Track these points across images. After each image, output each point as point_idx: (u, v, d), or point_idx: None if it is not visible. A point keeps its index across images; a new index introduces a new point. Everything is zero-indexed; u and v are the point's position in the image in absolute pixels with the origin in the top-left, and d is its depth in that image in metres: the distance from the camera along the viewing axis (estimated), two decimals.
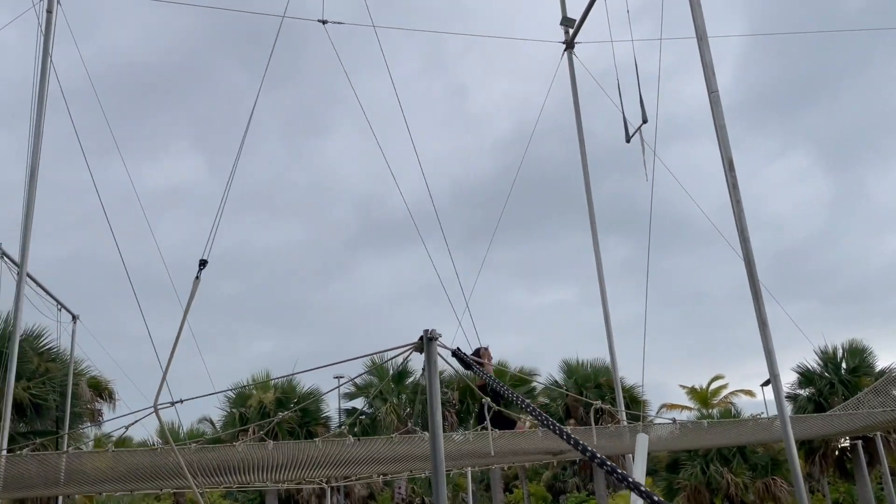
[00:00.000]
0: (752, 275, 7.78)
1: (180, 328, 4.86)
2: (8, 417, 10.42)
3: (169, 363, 4.57)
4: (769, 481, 28.50)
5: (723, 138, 8.08)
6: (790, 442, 7.17)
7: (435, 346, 4.23)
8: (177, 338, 4.74)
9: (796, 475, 7.21)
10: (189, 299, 4.98)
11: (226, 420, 31.56)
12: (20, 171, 10.69)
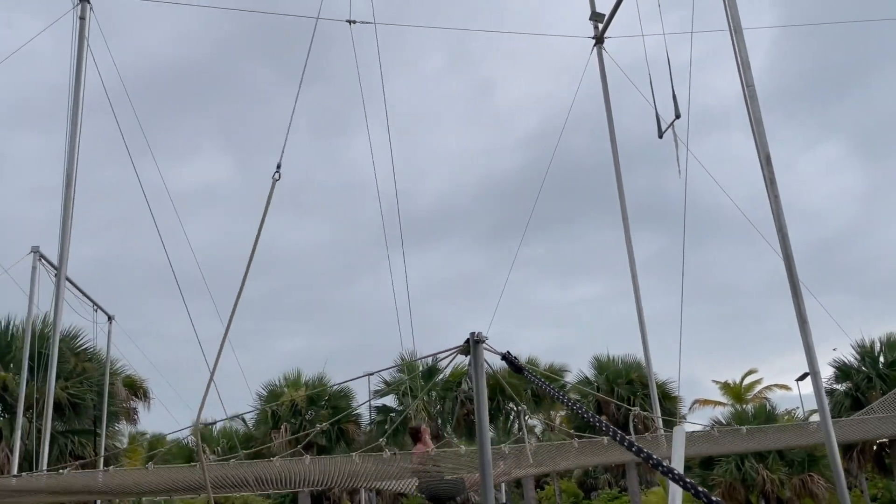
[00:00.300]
0: (791, 271, 7.65)
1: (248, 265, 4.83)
2: (49, 417, 10.62)
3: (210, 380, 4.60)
4: (806, 478, 28.07)
5: (759, 133, 7.95)
6: (833, 446, 7.05)
7: (481, 348, 4.21)
8: (236, 302, 4.74)
9: (838, 475, 7.09)
10: (267, 203, 4.98)
11: (258, 418, 31.87)
12: (55, 173, 10.89)
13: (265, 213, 5.03)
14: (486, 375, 4.72)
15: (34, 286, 14.34)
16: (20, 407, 14.59)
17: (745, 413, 31.42)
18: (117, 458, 22.82)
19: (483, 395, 4.59)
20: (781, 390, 38.96)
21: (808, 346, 7.55)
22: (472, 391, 4.32)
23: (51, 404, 10.61)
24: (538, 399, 31.56)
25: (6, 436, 18.49)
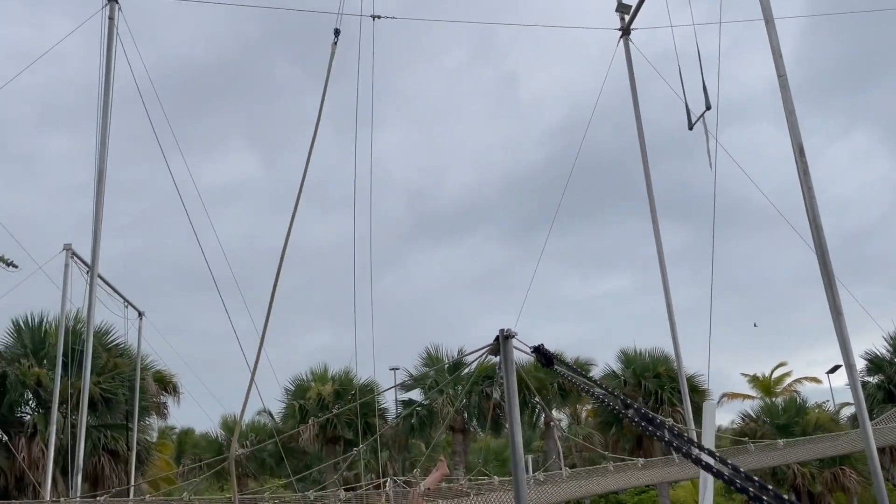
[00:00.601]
0: (825, 263, 7.53)
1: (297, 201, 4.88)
2: (84, 412, 10.79)
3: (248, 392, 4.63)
4: (837, 471, 27.72)
5: (792, 123, 7.82)
6: (871, 447, 6.94)
7: (511, 344, 4.19)
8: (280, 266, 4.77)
9: (876, 474, 6.98)
10: (328, 69, 4.95)
11: (285, 412, 32.13)
12: (85, 171, 11.03)
13: (326, 81, 4.99)
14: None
15: (67, 283, 14.57)
16: (55, 402, 14.85)
17: (775, 407, 31.10)
18: (148, 451, 23.14)
19: (514, 392, 4.56)
20: (811, 383, 38.47)
21: (844, 339, 7.43)
22: (503, 388, 4.30)
23: (86, 400, 10.78)
24: (564, 393, 31.45)
25: (41, 430, 18.82)
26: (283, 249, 4.69)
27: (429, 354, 30.99)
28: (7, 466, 18.65)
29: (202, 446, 38.00)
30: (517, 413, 4.31)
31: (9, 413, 19.57)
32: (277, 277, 4.65)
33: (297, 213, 4.79)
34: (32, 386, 19.70)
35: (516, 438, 4.18)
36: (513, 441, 4.20)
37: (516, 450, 4.36)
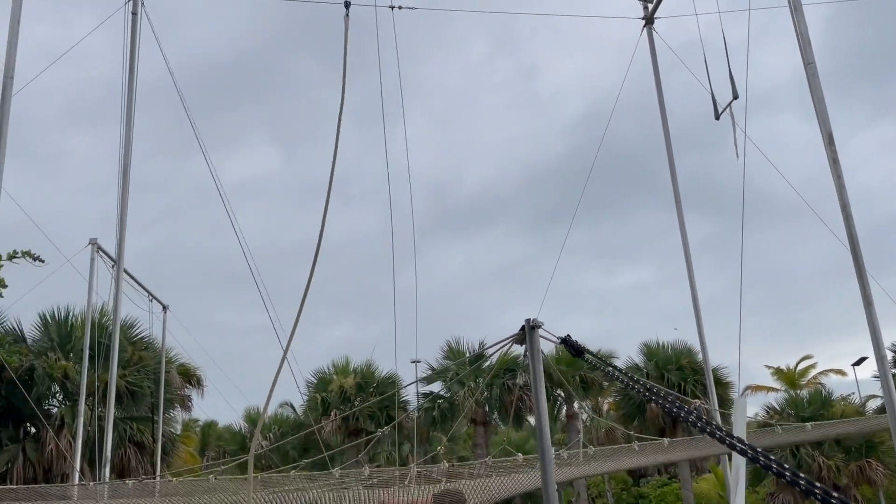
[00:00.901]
0: (855, 253, 7.42)
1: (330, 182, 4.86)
2: (112, 405, 10.91)
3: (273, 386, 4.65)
4: (864, 464, 27.39)
5: (821, 112, 7.70)
6: None
7: (537, 333, 4.16)
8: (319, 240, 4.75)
9: None
10: (344, 44, 4.94)
11: (308, 404, 32.33)
12: (111, 166, 11.11)
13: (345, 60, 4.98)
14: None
15: (93, 277, 14.73)
16: (82, 395, 15.03)
17: (800, 399, 30.77)
18: (173, 443, 23.40)
19: (541, 382, 4.53)
20: (837, 376, 38.04)
21: (874, 329, 7.33)
22: (528, 379, 4.27)
23: (112, 392, 10.90)
24: (586, 385, 31.38)
25: (68, 422, 19.08)
26: (317, 246, 4.69)
27: (450, 347, 31.03)
28: (35, 458, 18.93)
29: (226, 439, 38.36)
30: (544, 399, 4.28)
31: (37, 405, 19.85)
32: (311, 273, 4.65)
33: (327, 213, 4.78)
34: (59, 379, 19.97)
35: (543, 422, 4.16)
36: (540, 430, 4.18)
37: (544, 440, 4.34)
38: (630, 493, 40.50)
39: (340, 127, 5.00)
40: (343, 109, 5.09)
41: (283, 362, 4.12)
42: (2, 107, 7.71)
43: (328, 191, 4.82)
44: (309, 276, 4.50)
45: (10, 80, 7.92)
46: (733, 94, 9.33)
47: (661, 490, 38.51)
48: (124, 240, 11.05)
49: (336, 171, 5.58)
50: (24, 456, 18.97)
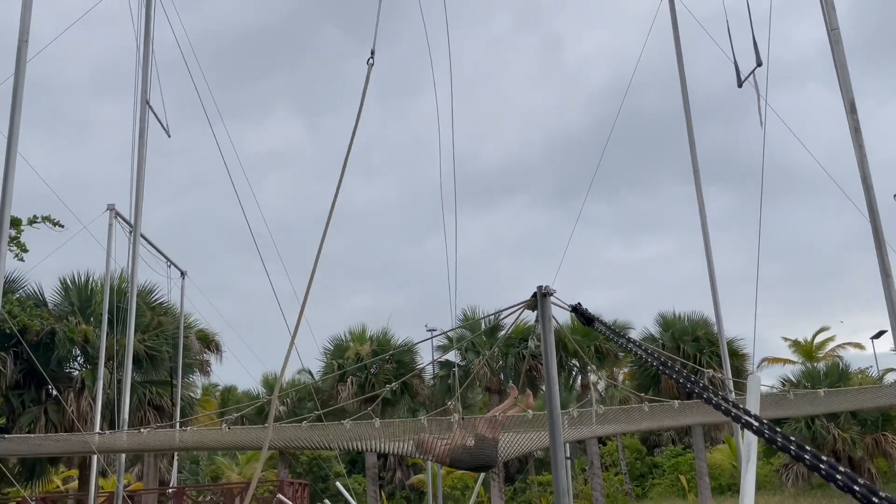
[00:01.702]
0: (875, 223, 7.31)
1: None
2: (129, 368, 11.07)
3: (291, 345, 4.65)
4: (879, 437, 27.35)
5: (844, 79, 7.54)
6: None
7: (549, 301, 4.15)
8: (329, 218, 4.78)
9: None
10: (362, 95, 4.94)
11: (325, 371, 32.66)
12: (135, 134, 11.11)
13: (362, 101, 4.97)
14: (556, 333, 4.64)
15: (111, 242, 14.85)
16: (101, 358, 15.26)
17: (817, 372, 30.66)
18: (192, 406, 23.78)
19: (551, 349, 4.53)
20: (854, 349, 37.83)
21: (892, 301, 7.23)
22: (540, 347, 4.26)
23: (130, 356, 11.05)
24: (601, 356, 31.41)
25: (88, 385, 19.43)
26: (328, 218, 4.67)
27: (465, 316, 31.11)
28: (57, 419, 19.33)
29: (244, 403, 38.93)
30: (555, 370, 4.28)
31: (58, 368, 20.21)
32: (322, 243, 4.64)
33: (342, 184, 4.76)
34: (80, 342, 20.28)
35: (553, 394, 4.17)
36: (550, 398, 4.19)
37: (553, 408, 4.34)
38: (644, 462, 40.73)
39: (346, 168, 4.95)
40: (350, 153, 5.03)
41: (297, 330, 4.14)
42: (17, 72, 7.72)
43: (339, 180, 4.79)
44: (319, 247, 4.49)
45: (24, 45, 7.91)
46: (757, 60, 9.14)
47: (675, 460, 38.70)
48: (141, 205, 11.11)
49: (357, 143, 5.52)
50: (46, 417, 19.37)
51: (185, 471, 39.51)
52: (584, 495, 34.12)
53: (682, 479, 36.94)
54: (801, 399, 8.87)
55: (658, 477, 39.20)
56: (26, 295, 20.47)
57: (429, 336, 33.80)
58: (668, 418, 8.97)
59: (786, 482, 29.15)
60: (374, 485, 32.93)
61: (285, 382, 36.57)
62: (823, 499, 24.50)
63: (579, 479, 35.85)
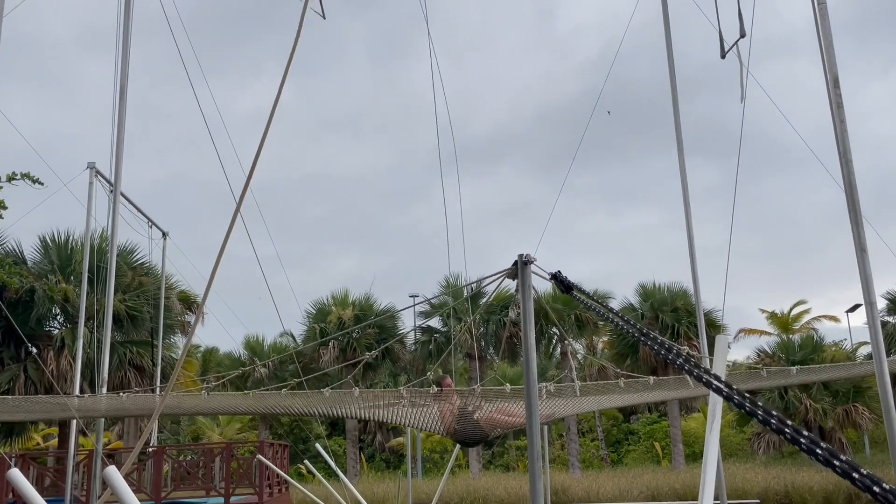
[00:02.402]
0: (852, 197, 7.40)
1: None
2: (109, 327, 11.06)
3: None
4: (850, 408, 27.93)
5: (828, 54, 7.56)
6: (885, 379, 6.93)
7: (529, 270, 4.19)
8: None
9: (888, 409, 7.00)
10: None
11: (307, 335, 32.76)
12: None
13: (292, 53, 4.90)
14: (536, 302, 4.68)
15: (91, 201, 14.71)
16: (81, 317, 15.22)
17: (791, 343, 31.16)
18: (173, 367, 23.82)
19: (530, 318, 4.57)
20: (830, 322, 38.49)
21: (866, 276, 7.35)
22: (519, 315, 4.32)
23: (110, 315, 11.03)
24: (581, 324, 31.72)
25: (68, 344, 19.39)
26: (246, 181, 4.65)
27: (447, 282, 31.25)
28: (36, 377, 19.31)
29: (226, 365, 38.98)
30: (532, 334, 4.34)
31: (37, 326, 20.13)
32: (238, 207, 4.63)
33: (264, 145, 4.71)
34: (60, 301, 20.19)
35: (530, 356, 4.23)
36: (527, 366, 4.25)
37: (531, 377, 4.41)
38: (620, 429, 41.41)
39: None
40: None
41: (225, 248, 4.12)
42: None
43: (262, 139, 4.73)
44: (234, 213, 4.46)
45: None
46: (740, 31, 9.15)
47: (651, 427, 39.38)
48: (121, 163, 10.99)
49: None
50: (26, 375, 19.34)
51: (165, 430, 39.68)
52: (561, 460, 34.70)
53: (656, 446, 37.64)
54: (774, 376, 9.05)
55: (633, 443, 39.92)
56: (5, 252, 20.29)
57: (411, 303, 34.00)
58: (646, 394, 9.12)
59: (757, 450, 29.79)
60: (353, 447, 33.29)
61: (267, 346, 36.68)
62: (793, 466, 25.09)
63: (556, 444, 36.42)
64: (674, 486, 23.24)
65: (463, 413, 7.53)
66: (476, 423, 7.58)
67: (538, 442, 4.37)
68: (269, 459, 15.29)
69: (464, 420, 7.53)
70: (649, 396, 10.91)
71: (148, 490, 15.53)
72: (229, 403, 9.73)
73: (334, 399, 7.41)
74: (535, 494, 4.18)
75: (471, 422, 7.58)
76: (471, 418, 7.55)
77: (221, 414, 32.58)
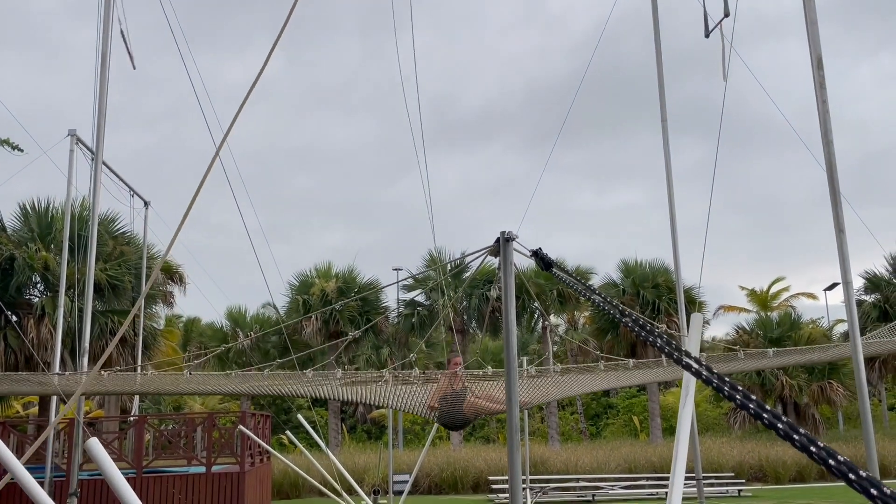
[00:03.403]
0: (832, 178, 7.49)
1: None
2: (90, 296, 11.00)
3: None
4: (825, 384, 28.43)
5: (812, 34, 7.60)
6: (859, 359, 7.08)
7: (511, 247, 4.22)
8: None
9: (861, 387, 7.16)
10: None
11: (290, 307, 32.75)
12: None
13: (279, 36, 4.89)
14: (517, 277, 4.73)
15: (72, 169, 14.56)
16: (62, 285, 15.12)
17: (769, 321, 31.57)
18: (154, 337, 23.76)
19: (511, 294, 4.62)
20: (808, 300, 39.04)
21: (843, 256, 7.47)
22: (501, 291, 4.36)
23: (91, 284, 10.97)
24: (563, 300, 31.93)
25: (49, 313, 19.28)
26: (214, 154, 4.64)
27: (431, 257, 31.31)
28: (16, 346, 19.21)
29: (208, 335, 38.96)
30: (513, 310, 4.39)
31: (17, 295, 19.98)
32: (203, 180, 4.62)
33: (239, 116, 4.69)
34: (40, 269, 20.03)
35: (510, 332, 4.28)
36: (507, 336, 4.30)
37: (511, 355, 4.47)
38: (599, 403, 41.93)
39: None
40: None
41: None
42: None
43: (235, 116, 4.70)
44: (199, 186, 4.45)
45: None
46: (724, 10, 9.17)
47: (629, 401, 39.90)
48: (103, 131, 10.86)
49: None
50: (6, 343, 19.24)
51: (147, 400, 39.68)
52: (541, 433, 35.12)
53: (635, 419, 38.17)
54: (751, 358, 9.19)
55: (612, 417, 40.46)
56: None
57: (395, 278, 34.03)
58: (625, 376, 9.23)
59: (733, 425, 30.30)
60: (335, 418, 33.48)
61: (250, 317, 36.64)
62: (768, 441, 25.57)
63: (536, 417, 36.83)
64: (651, 459, 23.62)
65: (451, 397, 7.58)
66: (460, 409, 7.64)
67: (517, 415, 4.44)
68: (251, 430, 15.37)
69: (449, 405, 7.59)
70: (629, 379, 11.05)
71: (129, 459, 15.57)
72: (211, 384, 9.73)
73: (316, 380, 7.45)
74: (513, 466, 4.26)
75: (456, 407, 7.64)
76: (458, 404, 7.60)
77: (203, 394, 32.65)
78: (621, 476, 22.47)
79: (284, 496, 21.72)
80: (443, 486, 22.86)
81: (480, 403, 7.71)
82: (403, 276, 32.89)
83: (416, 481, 21.38)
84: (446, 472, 22.96)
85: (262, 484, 17.58)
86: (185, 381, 8.74)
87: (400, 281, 35.37)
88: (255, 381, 8.57)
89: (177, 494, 14.90)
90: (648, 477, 22.25)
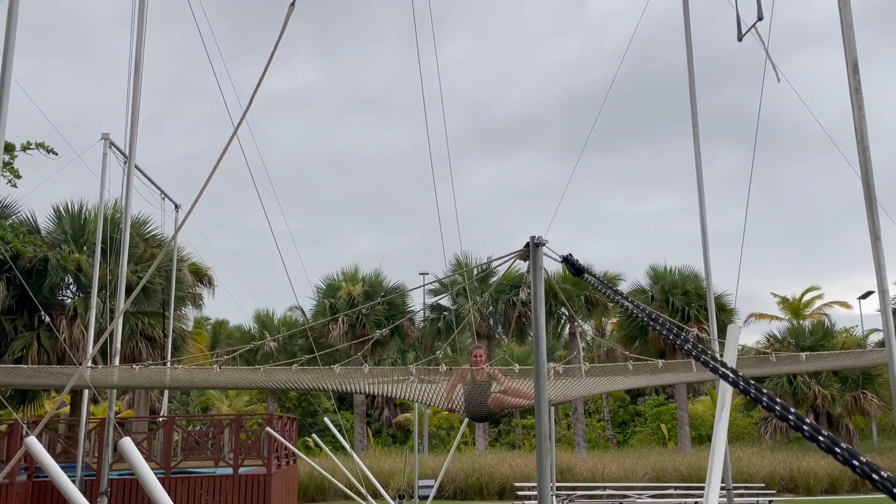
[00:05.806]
0: (867, 184, 7.33)
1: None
2: (122, 298, 11.16)
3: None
4: (859, 395, 27.89)
5: (848, 38, 7.45)
6: (894, 367, 6.90)
7: (541, 252, 4.19)
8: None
9: None
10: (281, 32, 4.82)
11: (316, 309, 32.93)
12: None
13: (276, 45, 4.89)
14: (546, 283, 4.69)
15: (105, 172, 14.80)
16: (94, 287, 15.35)
17: (802, 329, 31.06)
18: (183, 339, 24.02)
19: (541, 298, 4.58)
20: (842, 308, 38.31)
21: (880, 264, 7.31)
22: (531, 296, 4.32)
23: (123, 286, 11.12)
24: (591, 305, 31.72)
25: (81, 314, 19.57)
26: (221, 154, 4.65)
27: (458, 261, 31.30)
28: (49, 346, 19.53)
29: (236, 338, 39.32)
30: (542, 315, 4.35)
31: (50, 295, 20.31)
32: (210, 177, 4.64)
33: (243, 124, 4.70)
34: (73, 271, 20.35)
35: (540, 337, 4.24)
36: (537, 340, 4.27)
37: (540, 357, 4.43)
38: (626, 411, 41.54)
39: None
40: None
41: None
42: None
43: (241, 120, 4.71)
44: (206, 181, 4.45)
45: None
46: (758, 14, 9.04)
47: (657, 409, 39.48)
48: (136, 135, 11.02)
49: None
50: (39, 343, 19.56)
51: (175, 401, 40.11)
52: (567, 440, 34.88)
53: (663, 427, 37.75)
54: (783, 361, 9.02)
55: (640, 425, 40.04)
56: (19, 221, 20.43)
57: (421, 282, 34.09)
58: (653, 377, 9.13)
59: (764, 435, 29.84)
60: (361, 422, 33.57)
61: (277, 320, 36.90)
62: (799, 451, 25.14)
63: (562, 423, 36.59)
64: (679, 468, 23.33)
65: (475, 389, 7.55)
66: (485, 402, 7.61)
67: (546, 421, 4.39)
68: (278, 432, 15.45)
69: (474, 397, 7.56)
70: (657, 379, 10.93)
71: (158, 459, 15.74)
72: (240, 377, 9.81)
73: (344, 375, 7.46)
74: (542, 473, 4.21)
75: (481, 400, 7.61)
76: (483, 396, 7.57)
77: (232, 388, 32.89)
78: (649, 485, 22.21)
79: (310, 499, 21.81)
80: (468, 491, 22.79)
81: (505, 398, 7.66)
82: (430, 283, 32.95)
83: (441, 486, 21.34)
84: (472, 477, 22.89)
85: (288, 486, 17.66)
86: (215, 375, 8.80)
87: (426, 284, 35.43)
88: (284, 374, 8.61)
89: (204, 495, 15.01)
90: (677, 486, 21.96)
